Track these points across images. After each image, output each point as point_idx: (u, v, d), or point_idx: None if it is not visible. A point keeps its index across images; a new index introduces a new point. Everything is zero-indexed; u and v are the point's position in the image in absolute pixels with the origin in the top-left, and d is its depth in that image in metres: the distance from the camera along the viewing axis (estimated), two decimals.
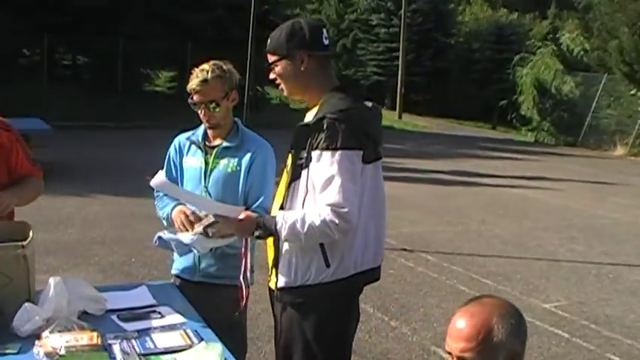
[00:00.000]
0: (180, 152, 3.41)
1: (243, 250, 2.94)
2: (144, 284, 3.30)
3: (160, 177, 2.92)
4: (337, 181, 2.52)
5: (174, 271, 3.45)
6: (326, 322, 2.73)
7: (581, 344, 5.63)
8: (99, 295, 2.93)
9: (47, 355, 2.43)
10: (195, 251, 3.09)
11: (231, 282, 3.17)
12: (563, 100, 26.40)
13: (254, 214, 2.75)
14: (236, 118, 3.36)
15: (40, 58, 25.84)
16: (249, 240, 2.89)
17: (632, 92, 24.60)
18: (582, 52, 29.34)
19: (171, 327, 2.80)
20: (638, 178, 17.63)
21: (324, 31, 2.79)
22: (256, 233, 2.69)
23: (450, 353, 1.97)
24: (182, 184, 3.37)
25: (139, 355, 2.52)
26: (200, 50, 23.46)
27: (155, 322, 2.84)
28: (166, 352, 2.56)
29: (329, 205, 2.52)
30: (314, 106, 2.77)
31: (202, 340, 2.66)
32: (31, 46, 25.51)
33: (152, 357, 2.52)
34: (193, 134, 3.41)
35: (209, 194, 3.23)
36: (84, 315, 2.81)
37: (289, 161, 2.74)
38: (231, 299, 3.13)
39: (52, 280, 2.78)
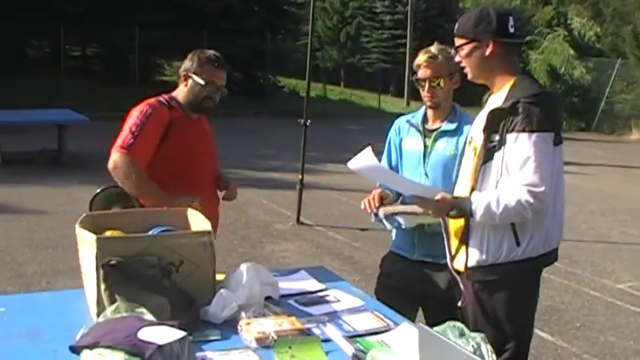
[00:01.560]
0: (399, 134, 3.43)
1: (444, 233, 2.94)
2: (302, 269, 3.31)
3: (367, 157, 2.86)
4: (533, 162, 2.58)
5: (393, 249, 3.47)
6: (515, 300, 2.77)
7: None
8: (275, 280, 2.92)
9: (258, 340, 2.39)
10: (402, 225, 3.14)
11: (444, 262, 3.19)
12: (575, 85, 26.34)
13: (449, 195, 2.78)
14: (455, 103, 3.35)
15: (50, 49, 25.67)
16: (447, 221, 2.90)
17: None
18: (594, 38, 29.28)
19: (356, 310, 2.79)
20: None
21: (511, 19, 2.80)
22: (451, 213, 2.75)
23: None
24: (401, 167, 3.39)
25: (345, 337, 2.49)
26: (215, 39, 23.43)
27: (336, 306, 2.83)
28: (369, 333, 2.55)
29: (525, 185, 2.58)
30: (495, 91, 2.81)
31: (392, 322, 2.66)
32: (39, 38, 25.33)
33: (358, 339, 2.49)
34: (413, 117, 3.42)
35: (427, 177, 3.24)
36: (265, 300, 2.79)
37: (479, 144, 2.75)
38: (445, 280, 3.14)
39: (243, 266, 2.78)
